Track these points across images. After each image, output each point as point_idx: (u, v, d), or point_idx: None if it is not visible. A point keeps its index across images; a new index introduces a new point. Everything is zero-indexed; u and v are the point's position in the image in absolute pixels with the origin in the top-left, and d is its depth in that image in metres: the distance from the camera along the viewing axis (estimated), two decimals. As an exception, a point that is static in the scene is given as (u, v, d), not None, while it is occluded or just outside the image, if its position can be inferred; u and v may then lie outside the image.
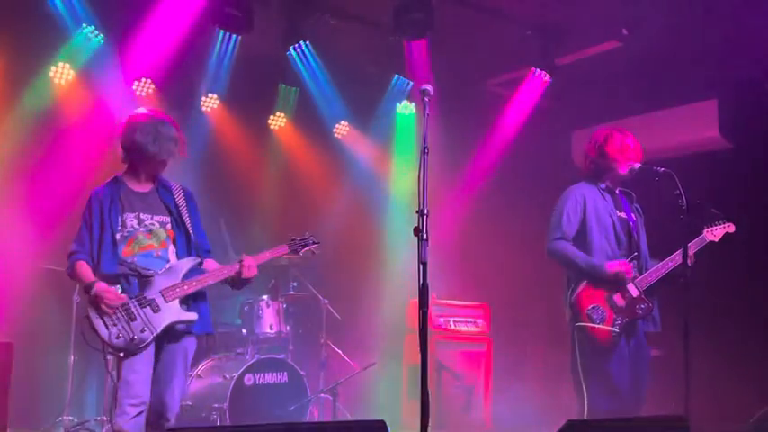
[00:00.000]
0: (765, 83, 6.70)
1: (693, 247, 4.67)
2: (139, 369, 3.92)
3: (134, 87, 7.31)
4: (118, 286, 4.00)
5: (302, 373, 6.08)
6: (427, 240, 3.35)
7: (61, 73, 6.89)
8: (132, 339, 3.88)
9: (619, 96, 7.41)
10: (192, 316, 4.09)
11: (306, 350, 6.94)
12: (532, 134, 8.04)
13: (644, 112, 7.47)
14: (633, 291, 4.62)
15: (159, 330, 3.95)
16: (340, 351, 6.94)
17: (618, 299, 4.62)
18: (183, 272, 4.12)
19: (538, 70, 7.44)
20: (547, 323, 7.75)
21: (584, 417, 4.50)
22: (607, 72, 7.35)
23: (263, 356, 6.06)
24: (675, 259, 4.63)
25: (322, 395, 6.35)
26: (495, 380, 7.18)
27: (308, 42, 7.11)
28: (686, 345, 4.14)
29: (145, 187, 4.28)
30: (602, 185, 4.85)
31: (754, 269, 6.59)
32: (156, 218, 4.22)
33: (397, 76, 7.88)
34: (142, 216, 4.18)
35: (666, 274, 4.67)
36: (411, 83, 7.90)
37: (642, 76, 7.19)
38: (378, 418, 3.01)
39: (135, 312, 3.94)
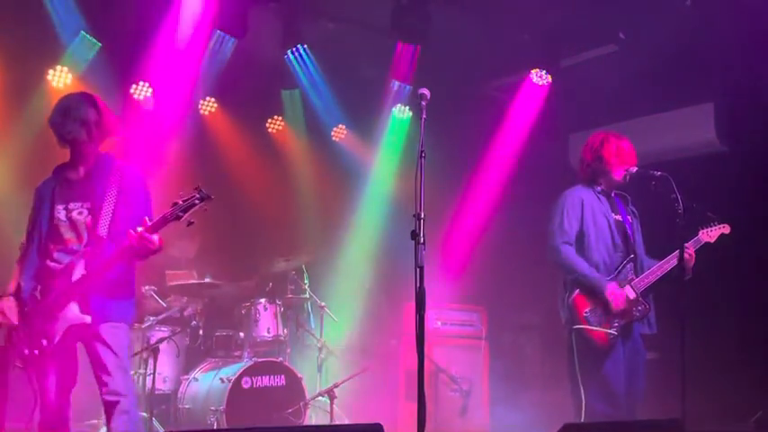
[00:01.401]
0: (761, 86, 6.72)
1: (690, 248, 4.68)
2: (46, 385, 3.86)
3: (132, 91, 7.32)
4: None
5: (299, 376, 6.09)
6: (424, 244, 3.36)
7: (59, 76, 6.90)
8: (32, 354, 3.80)
9: (615, 100, 7.42)
10: (86, 319, 3.81)
11: (303, 353, 6.95)
12: (530, 137, 8.05)
13: (640, 116, 7.48)
14: (630, 293, 4.63)
15: (56, 341, 3.80)
16: (337, 354, 6.94)
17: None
18: (80, 268, 3.84)
19: (535, 74, 7.45)
20: (544, 326, 7.76)
21: (581, 420, 4.51)
22: (604, 75, 7.36)
23: (260, 359, 6.07)
24: (671, 261, 4.64)
25: (319, 398, 6.35)
26: (492, 383, 7.18)
27: (305, 46, 7.13)
28: (683, 346, 4.15)
29: (78, 173, 4.04)
30: (598, 188, 4.86)
31: (751, 271, 6.60)
32: (85, 205, 3.96)
33: (393, 81, 7.89)
34: (70, 206, 3.97)
35: (663, 275, 4.68)
36: (409, 87, 7.91)
37: (639, 79, 7.20)
38: (375, 422, 3.02)
39: (35, 324, 3.82)
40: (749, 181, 6.71)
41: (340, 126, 8.55)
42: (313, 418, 6.34)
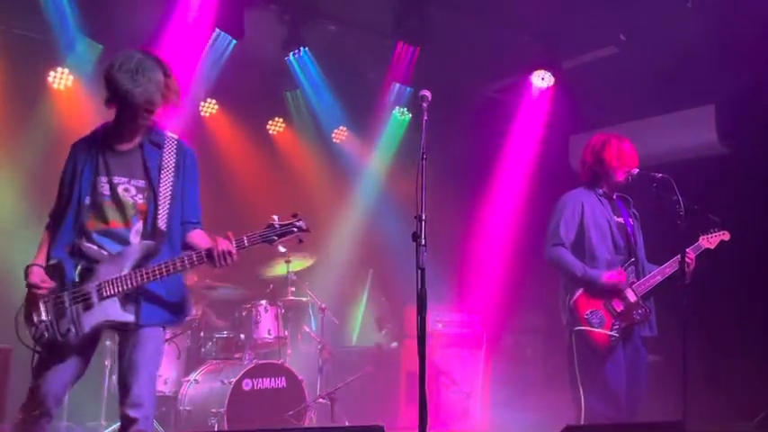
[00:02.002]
0: (762, 88, 6.72)
1: (690, 253, 4.67)
2: (51, 372, 3.43)
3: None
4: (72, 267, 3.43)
5: (300, 378, 6.08)
6: (425, 246, 3.35)
7: (60, 78, 6.90)
8: (49, 340, 3.36)
9: (616, 102, 7.42)
10: (128, 317, 3.43)
11: (304, 355, 6.94)
12: (531, 139, 8.05)
13: (641, 118, 7.48)
14: (631, 296, 4.62)
15: (86, 331, 3.37)
16: (338, 356, 6.93)
17: (616, 304, 4.61)
18: (132, 261, 3.44)
19: (535, 76, 7.45)
20: (545, 328, 7.76)
21: (582, 422, 4.50)
22: (605, 77, 7.36)
23: (261, 361, 6.06)
24: (673, 266, 4.63)
25: (320, 400, 6.34)
26: (493, 385, 7.18)
27: (306, 48, 7.13)
28: (685, 348, 4.15)
29: (127, 144, 3.56)
30: (600, 191, 4.84)
31: (752, 273, 6.60)
32: (133, 182, 3.52)
33: (394, 82, 7.89)
34: (115, 180, 3.50)
35: (663, 280, 4.67)
36: (409, 89, 7.92)
37: (640, 81, 7.21)
38: (376, 424, 3.02)
39: (66, 307, 3.38)
40: (750, 183, 6.71)
41: (341, 128, 8.56)
42: (314, 420, 6.33)
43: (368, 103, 8.14)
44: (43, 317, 3.39)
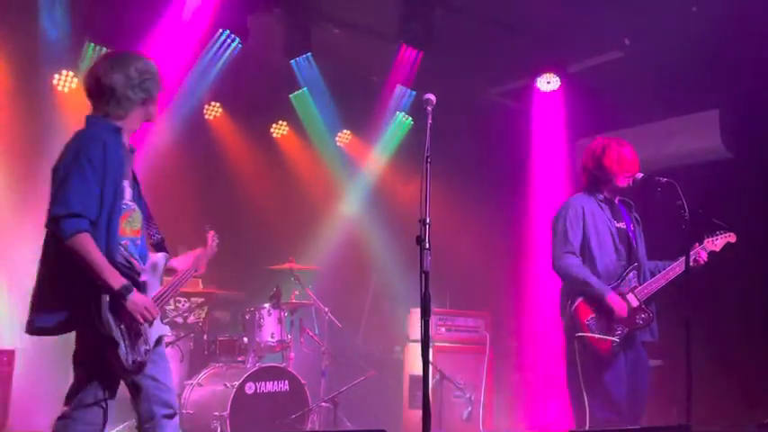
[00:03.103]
0: (766, 93, 6.71)
1: (702, 253, 4.66)
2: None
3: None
4: None
5: (303, 381, 6.07)
6: (429, 249, 3.34)
7: (64, 81, 6.92)
8: (141, 363, 3.24)
9: (621, 106, 7.42)
10: (166, 330, 3.51)
11: (307, 359, 6.93)
12: (535, 143, 8.04)
13: (646, 122, 7.48)
14: (633, 301, 4.59)
15: (152, 347, 3.33)
16: (341, 360, 6.92)
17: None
18: (161, 274, 3.44)
19: (541, 80, 7.44)
20: (549, 333, 7.73)
21: (586, 428, 4.48)
22: (610, 82, 7.36)
23: (264, 365, 6.05)
24: (676, 270, 4.60)
25: (323, 404, 6.34)
26: (496, 390, 7.16)
27: (310, 51, 7.12)
28: (688, 352, 4.13)
29: (126, 144, 3.42)
30: (601, 196, 4.81)
31: (756, 277, 6.58)
32: (136, 189, 3.44)
33: (398, 86, 7.88)
34: (130, 184, 3.39)
35: (666, 284, 4.64)
36: (413, 93, 7.91)
37: (644, 85, 7.20)
38: (379, 428, 3.01)
39: (142, 328, 3.25)
40: (754, 187, 6.70)
41: (344, 131, 8.56)
42: (317, 423, 6.32)
43: (372, 106, 8.14)
44: (132, 343, 3.21)
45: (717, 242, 4.74)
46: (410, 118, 8.34)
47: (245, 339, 6.32)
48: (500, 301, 7.72)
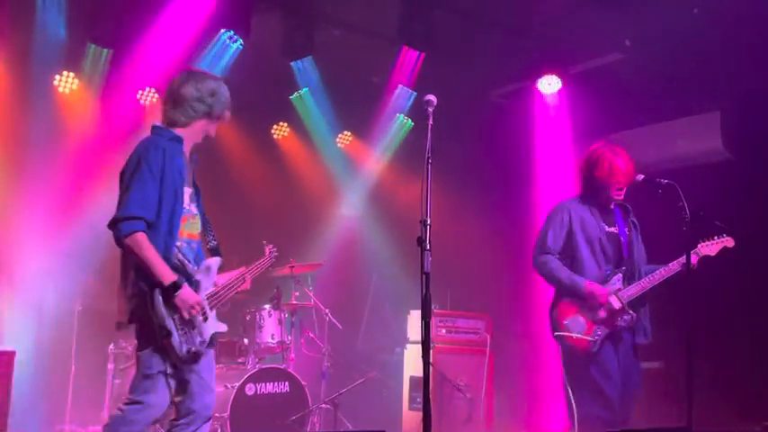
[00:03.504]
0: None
1: (694, 257, 4.65)
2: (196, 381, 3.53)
3: (138, 97, 7.34)
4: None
5: (303, 383, 6.07)
6: (430, 250, 3.34)
7: (65, 82, 6.92)
8: (196, 352, 3.42)
9: (622, 108, 7.41)
10: (224, 327, 3.68)
11: (307, 360, 6.93)
12: (536, 144, 8.04)
13: (647, 124, 7.47)
14: (615, 303, 4.62)
15: (207, 342, 3.54)
16: (341, 361, 6.92)
17: (601, 311, 4.64)
18: (215, 275, 3.67)
19: (541, 82, 7.44)
20: (549, 334, 7.72)
21: (575, 426, 4.50)
22: (610, 84, 7.35)
23: (264, 366, 6.05)
24: (662, 274, 4.65)
25: (323, 405, 6.33)
26: (497, 391, 7.15)
27: (311, 53, 7.11)
28: (689, 354, 4.13)
29: (187, 153, 3.68)
30: (594, 200, 4.86)
31: (757, 279, 6.57)
32: (194, 198, 3.68)
33: (399, 87, 7.88)
34: (190, 190, 3.64)
35: (651, 288, 4.68)
36: (413, 94, 7.90)
37: (645, 87, 7.19)
38: (379, 429, 3.00)
39: (196, 321, 3.48)
40: (756, 189, 6.69)
41: (345, 132, 8.56)
42: (317, 425, 6.32)
43: (373, 107, 8.14)
44: (186, 332, 3.43)
45: (712, 247, 4.74)
46: (410, 119, 8.33)
47: (246, 341, 6.32)
48: (501, 303, 7.71)
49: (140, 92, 7.30)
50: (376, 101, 8.09)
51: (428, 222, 3.37)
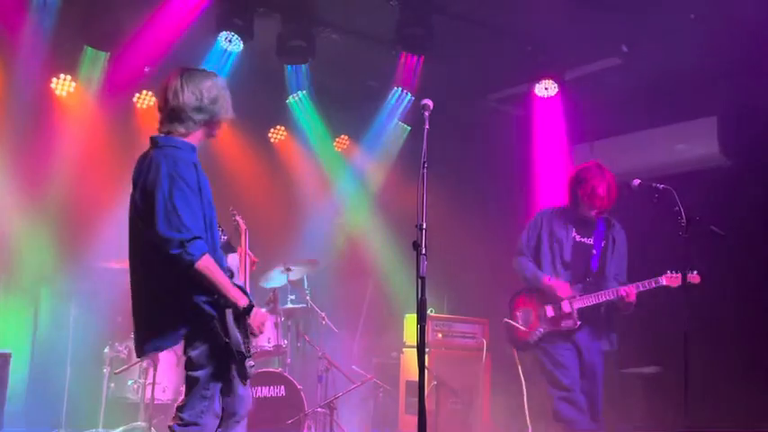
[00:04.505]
0: (765, 100, 6.71)
1: (631, 289, 4.87)
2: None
3: (134, 100, 7.34)
4: None
5: (299, 387, 6.06)
6: (426, 255, 3.34)
7: (62, 85, 6.92)
8: (252, 366, 3.36)
9: (618, 112, 7.42)
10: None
11: (303, 364, 6.92)
12: (532, 149, 8.05)
13: (643, 129, 7.48)
14: (566, 307, 4.94)
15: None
16: (337, 365, 6.91)
17: (549, 310, 5.00)
18: (237, 274, 3.65)
19: (537, 86, 7.44)
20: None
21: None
22: (607, 88, 7.36)
23: (260, 370, 6.04)
24: (609, 295, 4.89)
25: (319, 409, 6.32)
26: (493, 396, 7.14)
27: (309, 56, 7.10)
28: (686, 359, 4.15)
29: None
30: (573, 211, 5.09)
31: (754, 284, 6.57)
32: None
33: (396, 91, 7.88)
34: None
35: (601, 302, 4.94)
36: (410, 99, 7.90)
37: (642, 92, 7.20)
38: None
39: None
40: (752, 194, 6.70)
41: (342, 136, 8.56)
42: (313, 429, 6.31)
43: (370, 111, 8.15)
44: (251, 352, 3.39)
45: (674, 279, 4.79)
46: (408, 124, 8.33)
47: (242, 344, 6.30)
48: (498, 308, 7.69)
49: (137, 95, 7.29)
50: (373, 105, 8.10)
51: (424, 227, 3.37)
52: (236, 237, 4.03)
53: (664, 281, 4.82)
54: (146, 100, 7.36)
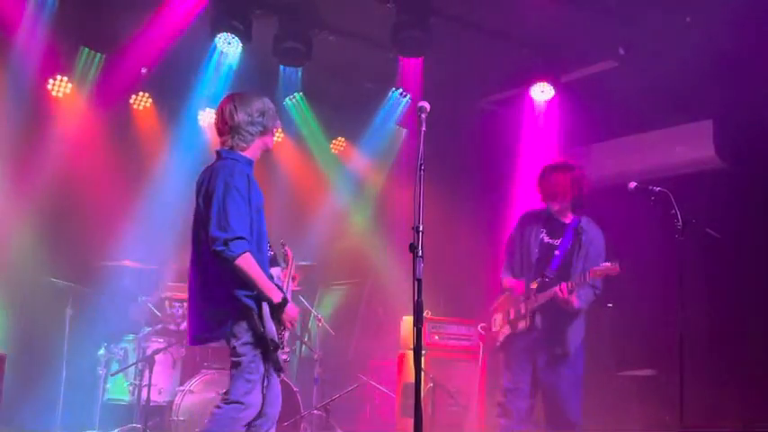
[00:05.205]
0: (761, 104, 6.73)
1: (574, 282, 4.86)
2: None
3: (131, 101, 7.34)
4: None
5: (295, 389, 6.05)
6: (422, 257, 3.34)
7: (59, 86, 6.91)
8: (287, 360, 3.82)
9: (615, 115, 7.43)
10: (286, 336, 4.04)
11: (299, 366, 6.92)
12: (528, 152, 8.05)
13: (640, 132, 7.49)
14: (522, 309, 4.99)
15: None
16: (333, 367, 6.90)
17: (512, 312, 5.08)
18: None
19: (533, 89, 7.45)
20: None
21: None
22: (603, 91, 7.37)
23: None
24: (549, 295, 4.86)
25: (315, 411, 6.31)
26: (489, 398, 7.14)
27: (305, 59, 7.11)
28: (681, 362, 4.15)
29: None
30: (545, 210, 5.13)
31: (751, 287, 6.58)
32: None
33: (392, 93, 7.88)
34: None
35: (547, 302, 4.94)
36: (407, 102, 7.90)
37: (638, 95, 7.21)
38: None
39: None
40: (748, 197, 6.71)
41: (339, 138, 8.56)
42: (309, 431, 6.30)
43: (367, 113, 8.15)
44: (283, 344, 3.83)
45: (599, 271, 4.81)
46: (404, 126, 8.33)
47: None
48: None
49: (134, 96, 7.29)
50: (370, 106, 8.10)
51: (420, 229, 3.37)
52: (282, 261, 4.39)
53: (589, 275, 4.80)
54: (142, 101, 7.35)
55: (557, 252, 4.98)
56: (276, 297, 3.66)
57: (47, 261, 6.55)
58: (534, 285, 4.95)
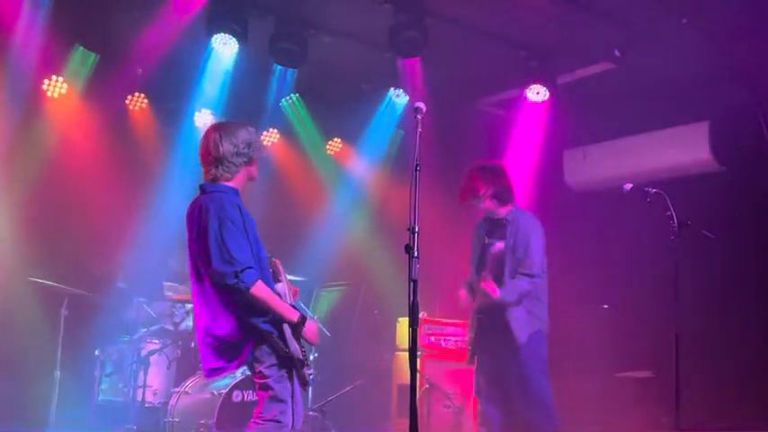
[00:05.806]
0: (756, 106, 6.74)
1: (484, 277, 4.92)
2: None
3: (127, 102, 7.32)
4: None
5: (291, 390, 6.03)
6: (418, 258, 3.34)
7: (54, 86, 6.89)
8: (311, 374, 3.85)
9: (611, 117, 7.44)
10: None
11: (295, 367, 6.89)
12: (525, 154, 8.05)
13: (636, 133, 7.50)
14: (471, 314, 5.10)
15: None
16: (329, 368, 6.89)
17: (471, 319, 5.19)
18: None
19: (529, 91, 7.46)
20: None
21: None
22: (599, 93, 7.38)
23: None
24: (482, 288, 4.89)
25: (311, 413, 6.30)
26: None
27: (303, 58, 7.10)
28: (677, 363, 4.15)
29: None
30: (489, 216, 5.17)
31: (746, 289, 6.60)
32: None
33: (389, 94, 7.88)
34: None
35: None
36: (404, 102, 7.90)
37: (634, 97, 7.23)
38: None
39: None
40: (744, 199, 6.72)
41: (335, 139, 8.55)
42: (304, 432, 6.29)
43: (363, 114, 8.14)
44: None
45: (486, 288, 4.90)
46: (400, 127, 8.33)
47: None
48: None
49: (129, 97, 7.27)
50: (366, 107, 8.09)
51: (416, 230, 3.37)
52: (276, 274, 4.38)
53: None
54: (138, 102, 7.33)
55: (493, 249, 5.05)
56: (294, 317, 3.70)
57: (41, 262, 6.52)
58: (464, 289, 5.12)
